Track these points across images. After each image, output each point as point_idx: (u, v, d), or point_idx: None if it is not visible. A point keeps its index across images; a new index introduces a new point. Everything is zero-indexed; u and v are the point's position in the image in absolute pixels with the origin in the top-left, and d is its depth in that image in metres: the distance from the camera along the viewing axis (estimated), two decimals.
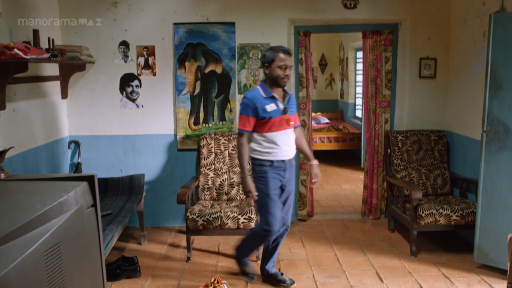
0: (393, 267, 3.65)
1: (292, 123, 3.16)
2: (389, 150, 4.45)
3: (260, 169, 3.12)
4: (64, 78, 4.30)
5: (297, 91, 4.64)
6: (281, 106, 3.11)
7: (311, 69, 4.74)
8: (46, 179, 1.50)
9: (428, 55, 4.49)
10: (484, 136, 3.40)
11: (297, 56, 4.59)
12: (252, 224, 3.70)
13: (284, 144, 3.12)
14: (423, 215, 3.73)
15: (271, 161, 3.11)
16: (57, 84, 4.25)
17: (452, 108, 4.47)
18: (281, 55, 3.01)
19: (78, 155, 4.45)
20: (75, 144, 4.47)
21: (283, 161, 3.15)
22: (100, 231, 1.54)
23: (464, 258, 3.79)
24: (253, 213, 3.70)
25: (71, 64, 4.22)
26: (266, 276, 3.42)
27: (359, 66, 8.36)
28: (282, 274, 3.42)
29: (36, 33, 3.49)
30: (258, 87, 3.14)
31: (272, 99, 3.09)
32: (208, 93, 4.46)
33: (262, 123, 3.07)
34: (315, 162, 3.30)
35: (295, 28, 4.56)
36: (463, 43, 4.21)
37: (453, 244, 4.13)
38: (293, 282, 3.38)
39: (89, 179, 1.48)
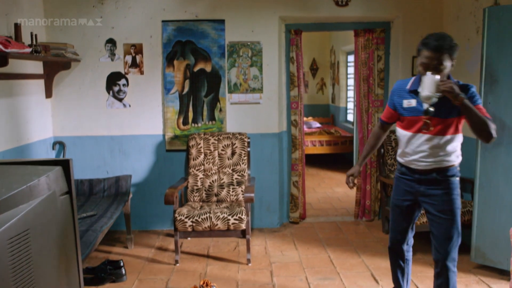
0: (389, 269, 3.51)
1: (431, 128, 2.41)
2: (382, 150, 4.36)
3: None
4: (49, 77, 4.16)
5: (288, 90, 4.55)
6: (425, 106, 2.40)
7: (303, 68, 4.64)
8: (15, 162, 1.38)
9: None
10: None
11: (288, 54, 4.50)
12: (243, 225, 3.58)
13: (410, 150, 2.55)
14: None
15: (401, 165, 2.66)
16: (41, 83, 4.11)
17: None
18: (427, 52, 2.34)
19: (63, 157, 4.30)
20: (60, 145, 4.32)
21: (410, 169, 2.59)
22: (75, 221, 1.41)
23: (460, 258, 3.64)
24: (243, 214, 3.58)
25: (56, 62, 4.09)
26: None
27: (350, 70, 8.32)
28: None
29: (17, 27, 3.36)
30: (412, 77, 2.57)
31: (414, 94, 2.47)
32: (197, 92, 4.34)
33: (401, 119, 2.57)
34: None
35: (286, 26, 4.48)
36: (456, 40, 4.13)
37: None
38: None
39: (64, 163, 1.36)
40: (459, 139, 2.51)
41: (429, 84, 2.28)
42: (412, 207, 2.68)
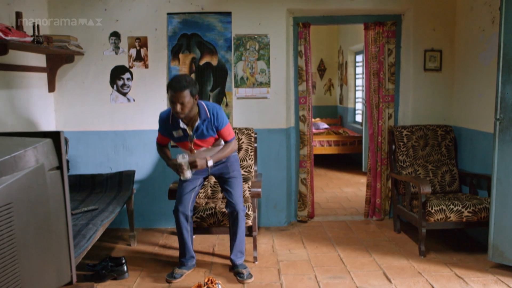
0: (402, 268, 3.38)
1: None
2: (393, 146, 4.22)
3: None
4: (52, 70, 4.08)
5: (296, 84, 4.43)
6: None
7: (311, 62, 4.52)
8: (1, 133, 1.27)
9: (433, 47, 4.30)
10: (497, 124, 3.17)
11: (296, 48, 4.39)
12: (249, 221, 3.45)
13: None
14: (433, 211, 3.49)
15: None
16: (44, 76, 4.03)
17: (459, 102, 4.25)
18: (170, 91, 2.96)
19: (66, 152, 4.19)
20: None
21: None
22: (66, 199, 1.30)
23: (477, 258, 3.53)
24: (250, 210, 3.46)
25: (59, 55, 4.01)
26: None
27: (359, 70, 8.19)
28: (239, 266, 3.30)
29: (19, 15, 3.27)
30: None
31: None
32: (203, 86, 4.24)
33: None
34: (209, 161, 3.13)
35: (294, 19, 4.36)
36: (470, 33, 4.02)
37: (463, 244, 3.88)
38: (250, 277, 3.19)
39: (54, 136, 1.24)
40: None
41: (185, 168, 3.01)
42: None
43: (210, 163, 3.10)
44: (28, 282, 1.16)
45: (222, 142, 3.27)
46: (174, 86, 2.91)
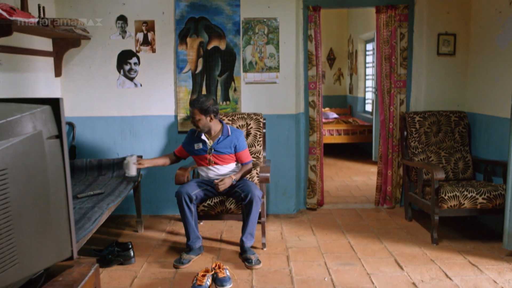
0: (413, 255, 3.31)
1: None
2: (405, 133, 4.12)
3: None
4: (58, 55, 4.03)
5: (305, 69, 4.34)
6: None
7: (321, 46, 4.41)
8: None
9: (447, 31, 4.18)
10: None
11: (305, 32, 4.29)
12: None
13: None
14: (446, 197, 3.39)
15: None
16: (50, 61, 3.98)
17: (473, 87, 4.14)
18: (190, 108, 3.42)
19: (73, 138, 4.17)
20: (69, 126, 4.19)
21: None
22: (66, 169, 1.24)
23: (491, 246, 3.44)
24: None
25: (65, 39, 3.95)
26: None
27: (369, 58, 8.05)
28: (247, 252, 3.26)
29: None
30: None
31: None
32: (211, 71, 4.16)
33: None
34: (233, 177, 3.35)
35: (304, 2, 4.26)
36: (485, 15, 3.89)
37: (477, 232, 3.79)
38: (258, 263, 3.15)
39: (53, 103, 1.18)
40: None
41: (130, 166, 3.21)
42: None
43: (234, 181, 3.34)
44: (25, 255, 1.10)
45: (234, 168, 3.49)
46: (191, 104, 3.39)
